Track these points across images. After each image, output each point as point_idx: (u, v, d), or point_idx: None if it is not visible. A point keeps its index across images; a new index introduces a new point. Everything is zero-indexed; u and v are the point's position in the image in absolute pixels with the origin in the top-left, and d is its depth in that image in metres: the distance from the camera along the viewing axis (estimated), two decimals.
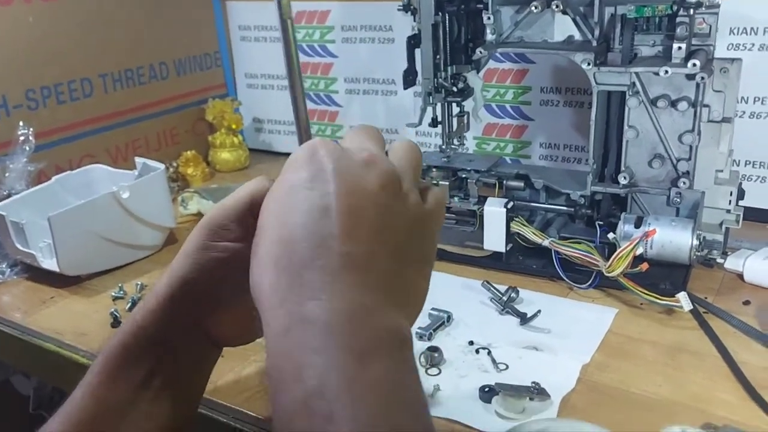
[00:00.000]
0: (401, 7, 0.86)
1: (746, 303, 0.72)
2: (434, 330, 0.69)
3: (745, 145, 0.87)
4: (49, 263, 0.83)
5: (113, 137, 1.12)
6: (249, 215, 0.43)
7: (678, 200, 0.75)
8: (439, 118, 0.89)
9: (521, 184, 0.86)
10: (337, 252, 0.34)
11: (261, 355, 0.67)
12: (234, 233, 0.43)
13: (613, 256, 0.69)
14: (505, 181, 0.86)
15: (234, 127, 1.26)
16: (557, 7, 0.75)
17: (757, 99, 0.88)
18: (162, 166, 0.91)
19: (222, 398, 0.61)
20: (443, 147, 0.91)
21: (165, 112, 1.21)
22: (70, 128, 1.05)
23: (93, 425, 0.43)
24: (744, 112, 0.89)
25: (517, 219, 0.80)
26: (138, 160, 0.94)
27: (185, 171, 1.20)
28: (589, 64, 0.75)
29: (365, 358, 0.31)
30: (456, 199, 0.87)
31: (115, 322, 0.75)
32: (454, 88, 0.87)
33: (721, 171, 0.76)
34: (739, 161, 0.91)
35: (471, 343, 0.67)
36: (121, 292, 0.81)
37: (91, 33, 1.07)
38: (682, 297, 0.67)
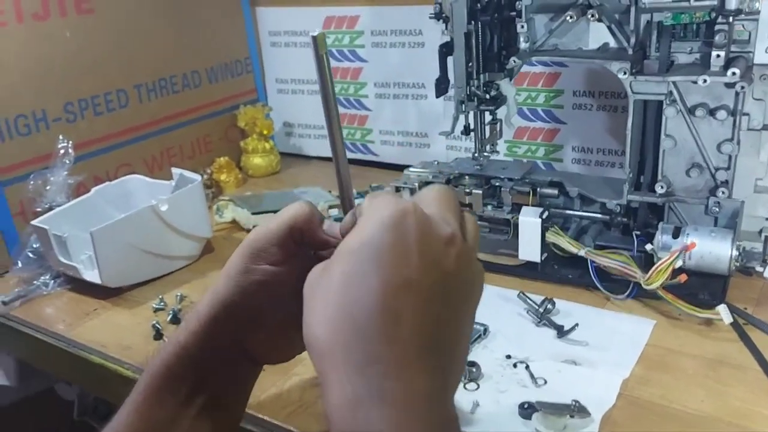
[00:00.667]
0: (433, 15, 0.86)
1: None
2: (471, 343, 0.69)
3: None
4: (91, 275, 0.85)
5: (149, 146, 1.14)
6: (290, 239, 0.45)
7: (717, 210, 0.74)
8: (472, 126, 0.89)
9: (555, 191, 0.85)
10: (412, 331, 0.33)
11: (301, 368, 0.68)
12: (275, 256, 0.45)
13: (653, 269, 0.69)
14: (539, 189, 0.86)
15: (265, 132, 1.27)
16: (593, 16, 0.75)
17: None
18: (199, 178, 0.93)
19: (265, 413, 0.63)
20: (476, 155, 0.91)
21: (198, 120, 1.23)
22: (106, 139, 1.07)
23: None
24: None
25: (552, 229, 0.80)
26: (175, 171, 0.96)
27: (219, 177, 1.22)
28: (625, 73, 0.74)
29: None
30: (489, 207, 0.87)
31: (157, 335, 0.77)
32: (487, 96, 0.86)
33: (761, 179, 0.75)
34: None
35: (508, 356, 0.68)
36: (162, 304, 0.83)
37: (125, 44, 1.08)
38: (723, 310, 0.66)
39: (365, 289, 0.34)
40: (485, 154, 0.91)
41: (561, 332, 0.70)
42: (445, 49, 0.86)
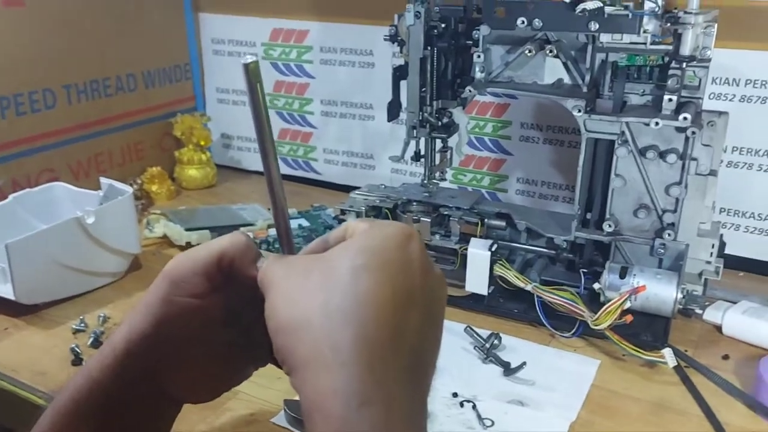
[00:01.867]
0: (388, 37, 0.84)
1: (725, 357, 0.73)
2: None
3: (722, 193, 0.88)
4: (4, 290, 0.78)
5: (75, 151, 1.06)
6: (217, 271, 0.41)
7: (662, 251, 0.75)
8: (422, 152, 0.87)
9: (503, 223, 0.84)
10: (411, 348, 0.34)
11: (234, 404, 0.63)
12: (198, 288, 0.41)
13: (602, 311, 0.68)
14: (486, 220, 0.85)
15: (202, 143, 1.22)
16: (551, 51, 0.75)
17: (735, 149, 0.89)
18: (130, 190, 0.87)
19: None
20: (425, 182, 0.89)
21: (131, 126, 1.16)
22: (29, 141, 0.99)
23: None
24: (722, 161, 0.90)
25: (500, 262, 0.79)
26: (104, 181, 0.90)
27: (150, 188, 1.15)
28: (580, 110, 0.74)
29: None
30: (437, 236, 0.86)
31: (76, 359, 0.70)
32: (439, 123, 0.85)
33: (704, 223, 0.76)
34: (715, 209, 0.92)
35: (455, 394, 0.65)
36: (82, 325, 0.77)
37: (55, 41, 1.01)
38: (668, 354, 0.67)
39: (380, 296, 0.33)
40: (434, 181, 0.89)
41: (508, 370, 0.69)
42: (399, 73, 0.84)
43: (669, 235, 0.74)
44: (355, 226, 0.38)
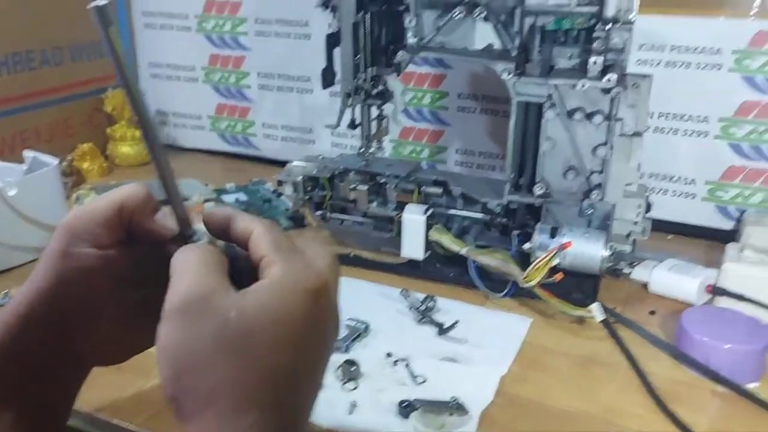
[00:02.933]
0: (320, 4, 0.83)
1: (652, 313, 0.75)
2: (351, 341, 0.67)
3: (650, 158, 0.91)
4: None
5: None
6: (117, 221, 0.39)
7: (590, 212, 0.76)
8: (358, 121, 0.87)
9: (440, 190, 0.85)
10: (293, 407, 0.34)
11: None
12: (100, 239, 0.39)
13: (530, 267, 0.70)
14: (423, 188, 0.85)
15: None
16: (479, 14, 0.75)
17: (661, 114, 0.92)
18: (55, 161, 0.84)
19: (123, 418, 0.57)
20: (361, 151, 0.88)
21: (59, 101, 1.12)
22: None
23: None
24: (649, 127, 0.92)
25: (436, 227, 0.79)
26: (27, 153, 0.86)
27: (81, 165, 1.11)
28: (509, 73, 0.75)
29: None
30: (374, 204, 0.85)
31: None
32: (374, 91, 0.85)
33: (630, 184, 0.78)
34: (643, 174, 0.95)
35: (389, 355, 0.66)
36: (6, 299, 0.74)
37: None
38: (595, 308, 0.68)
39: (283, 368, 0.33)
40: (371, 150, 0.89)
41: (441, 330, 0.70)
42: (332, 40, 0.84)
43: (596, 195, 0.76)
44: (267, 251, 0.35)
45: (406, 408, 0.57)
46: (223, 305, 0.32)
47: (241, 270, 0.36)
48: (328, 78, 0.85)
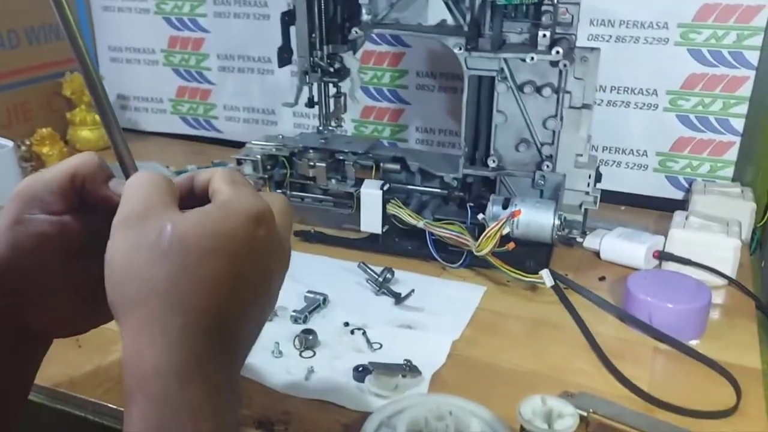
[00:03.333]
0: None
1: (602, 279, 0.78)
2: (309, 313, 0.68)
3: (602, 131, 0.93)
4: None
5: None
6: (71, 188, 0.39)
7: (542, 183, 0.78)
8: (316, 99, 0.88)
9: (398, 166, 0.86)
10: (236, 336, 0.35)
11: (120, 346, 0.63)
12: (53, 206, 0.39)
13: (482, 236, 0.71)
14: (381, 164, 0.86)
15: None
16: None
17: (613, 88, 0.95)
18: (11, 143, 0.83)
19: (80, 392, 0.57)
20: (320, 128, 0.89)
21: (16, 85, 1.10)
22: None
23: None
24: (602, 101, 0.95)
25: (393, 201, 0.81)
26: None
27: (40, 150, 1.10)
28: (460, 48, 0.76)
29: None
30: (333, 181, 0.87)
31: None
32: (331, 69, 0.86)
33: (581, 155, 0.81)
34: (596, 147, 0.97)
35: (346, 324, 0.67)
36: None
37: None
38: (545, 274, 0.70)
39: (221, 286, 0.34)
40: (330, 128, 0.90)
41: (398, 299, 0.71)
42: (288, 18, 0.84)
43: (548, 167, 0.78)
44: (219, 183, 0.37)
45: (361, 372, 0.58)
46: (161, 218, 0.33)
47: None
48: (284, 57, 0.86)
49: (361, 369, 0.58)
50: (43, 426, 0.59)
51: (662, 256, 0.77)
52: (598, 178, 0.82)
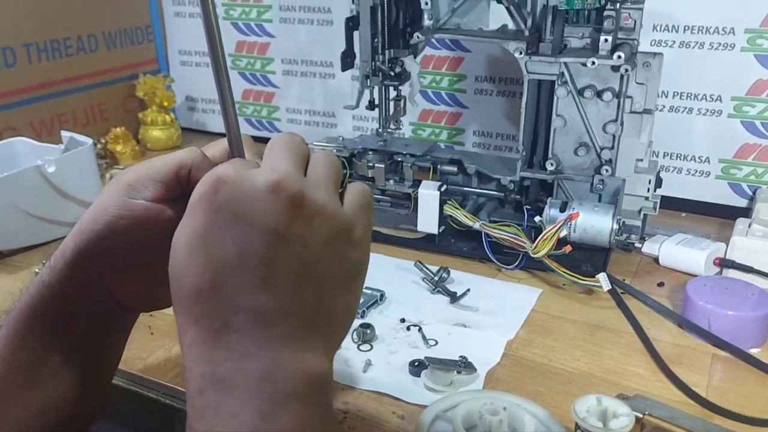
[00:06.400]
0: None
1: (660, 284, 0.77)
2: (367, 308, 0.70)
3: (664, 137, 0.92)
4: None
5: (38, 110, 1.08)
6: (174, 179, 0.41)
7: (601, 187, 0.78)
8: (376, 102, 0.90)
9: (455, 168, 0.88)
10: (247, 307, 0.34)
11: None
12: (155, 193, 0.41)
13: (539, 238, 0.72)
14: (439, 166, 0.88)
15: (166, 104, 1.23)
16: None
17: (676, 94, 0.93)
18: (90, 141, 0.88)
19: (152, 375, 0.61)
20: (380, 131, 0.92)
21: (93, 87, 1.17)
22: None
23: (1, 386, 0.42)
24: (664, 106, 0.94)
25: (449, 202, 0.82)
26: (64, 133, 0.91)
27: (114, 148, 1.17)
28: (521, 53, 0.77)
29: (275, 415, 0.32)
30: (391, 182, 0.89)
31: None
32: (392, 72, 0.88)
33: (641, 160, 0.80)
34: (658, 152, 0.96)
35: (402, 320, 0.69)
36: None
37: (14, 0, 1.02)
38: (602, 277, 0.70)
39: (197, 277, 0.35)
40: (389, 130, 0.92)
41: (454, 298, 0.73)
42: (352, 23, 0.87)
43: (607, 171, 0.78)
44: (271, 144, 0.39)
45: (417, 366, 0.60)
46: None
47: None
48: (347, 60, 0.89)
49: (417, 364, 0.60)
50: (120, 406, 0.62)
51: (723, 263, 0.76)
52: (659, 183, 0.82)
